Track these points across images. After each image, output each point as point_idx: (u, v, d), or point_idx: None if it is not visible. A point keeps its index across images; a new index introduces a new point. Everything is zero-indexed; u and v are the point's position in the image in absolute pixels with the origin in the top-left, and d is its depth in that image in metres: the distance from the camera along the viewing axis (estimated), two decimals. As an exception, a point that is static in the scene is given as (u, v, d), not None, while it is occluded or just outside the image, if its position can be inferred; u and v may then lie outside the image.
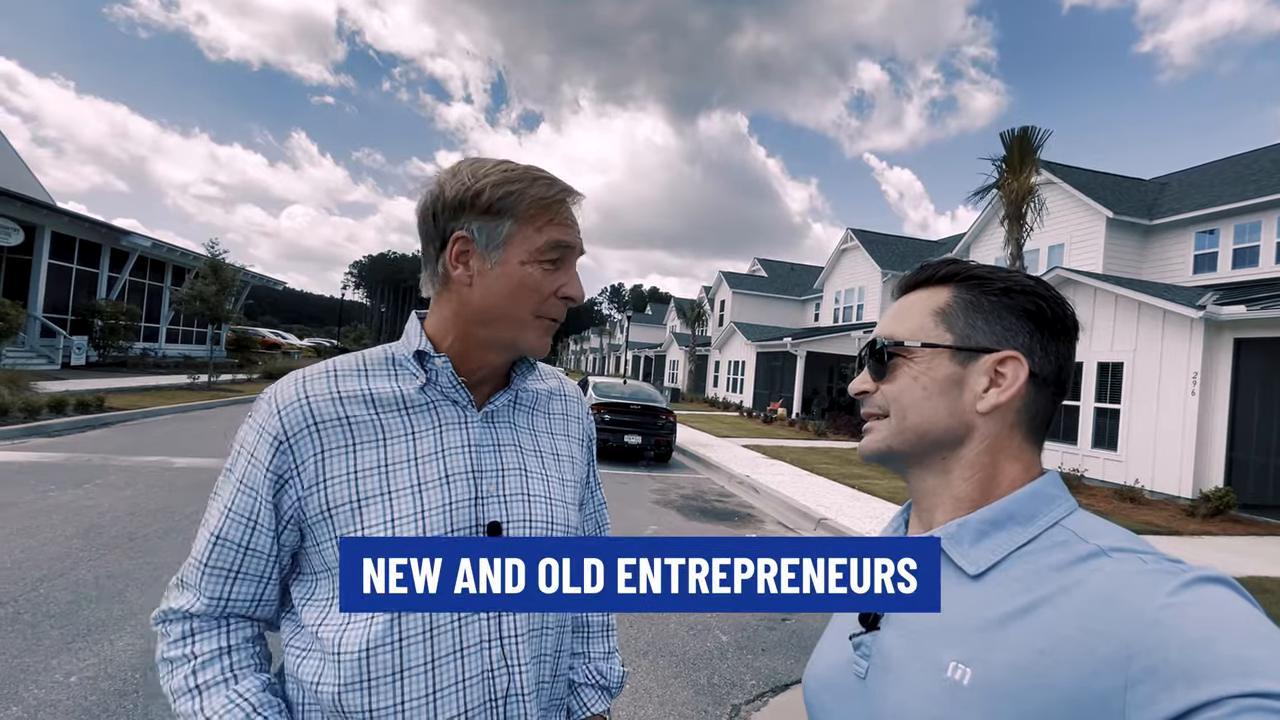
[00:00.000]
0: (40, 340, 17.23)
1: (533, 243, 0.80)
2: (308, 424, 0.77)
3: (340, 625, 0.75)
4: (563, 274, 0.83)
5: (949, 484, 0.62)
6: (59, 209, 18.58)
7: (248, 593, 0.80)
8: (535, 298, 0.81)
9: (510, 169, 0.82)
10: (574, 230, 0.84)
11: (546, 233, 0.81)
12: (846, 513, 7.32)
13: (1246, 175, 14.37)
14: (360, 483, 0.76)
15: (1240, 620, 0.45)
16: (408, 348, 0.84)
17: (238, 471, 0.79)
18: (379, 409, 0.80)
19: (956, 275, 0.64)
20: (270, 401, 0.79)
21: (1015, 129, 10.28)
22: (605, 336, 64.40)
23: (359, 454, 0.77)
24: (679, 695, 3.14)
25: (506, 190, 0.80)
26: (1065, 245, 15.47)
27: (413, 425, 0.81)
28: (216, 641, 0.79)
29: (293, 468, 0.76)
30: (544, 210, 0.81)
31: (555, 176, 0.84)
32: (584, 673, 1.01)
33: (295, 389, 0.79)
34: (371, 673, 0.73)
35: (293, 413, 0.77)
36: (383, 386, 0.82)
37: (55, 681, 2.76)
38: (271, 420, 0.77)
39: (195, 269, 20.67)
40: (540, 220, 0.81)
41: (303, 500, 0.76)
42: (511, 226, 0.80)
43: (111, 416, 10.14)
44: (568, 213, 0.84)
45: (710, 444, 13.27)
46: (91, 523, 4.94)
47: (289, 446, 0.76)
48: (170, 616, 0.80)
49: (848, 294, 25.58)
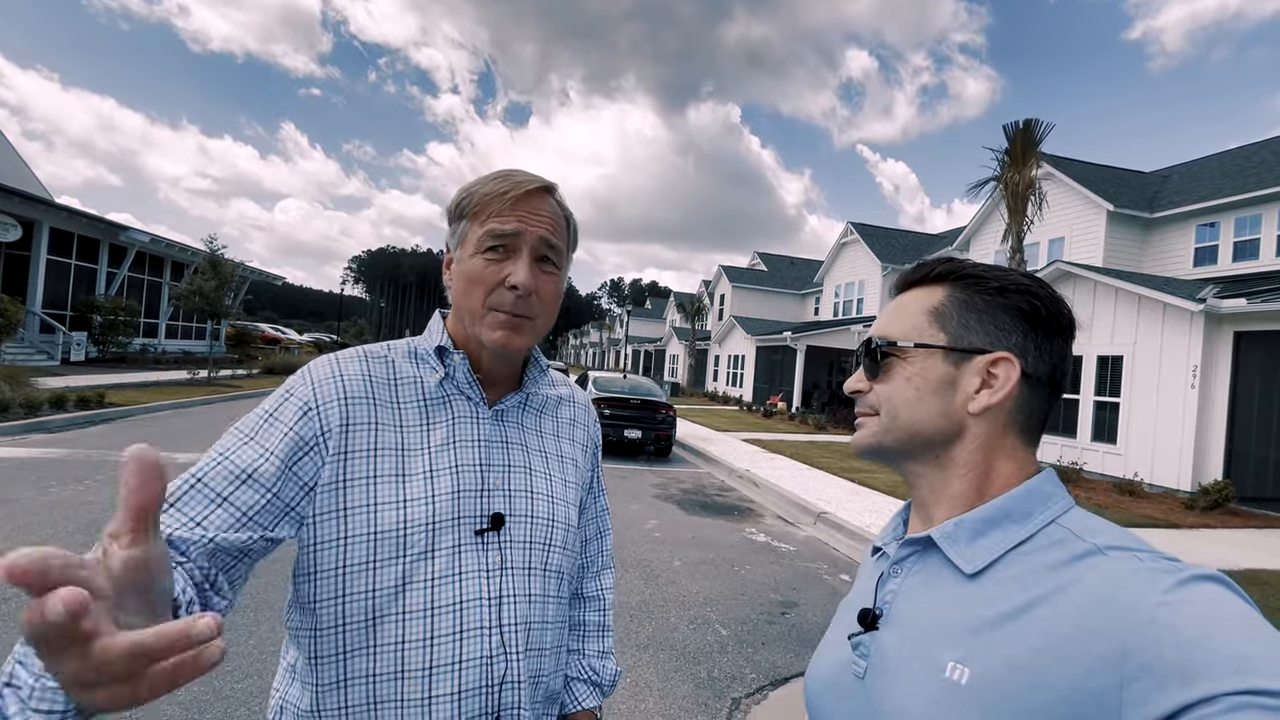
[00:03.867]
0: (40, 336, 17.21)
1: (475, 235, 0.84)
2: (339, 398, 0.80)
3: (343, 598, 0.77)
4: (509, 264, 0.83)
5: (945, 482, 0.62)
6: (57, 204, 18.52)
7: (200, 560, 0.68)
8: (481, 289, 0.83)
9: (486, 176, 0.86)
10: (519, 219, 0.83)
11: (488, 224, 0.83)
12: (846, 506, 7.34)
13: (1247, 168, 14.32)
14: (378, 461, 0.79)
15: (1235, 618, 0.45)
16: (430, 343, 0.89)
17: (250, 427, 0.76)
18: (400, 396, 0.84)
19: (952, 274, 0.64)
20: (305, 375, 0.82)
21: (1018, 122, 10.27)
22: (605, 331, 64.45)
23: (380, 434, 0.80)
24: (679, 689, 3.16)
25: (467, 193, 0.85)
26: (1066, 238, 15.44)
27: (428, 416, 0.84)
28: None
29: (319, 434, 0.77)
30: (488, 204, 0.83)
31: (523, 176, 0.85)
32: (578, 668, 1.03)
33: (331, 367, 0.83)
34: (376, 640, 0.76)
35: (326, 386, 0.80)
36: (406, 376, 0.86)
37: (58, 677, 2.78)
38: (304, 389, 0.80)
39: (194, 264, 20.64)
40: (484, 214, 0.83)
41: (321, 468, 0.77)
42: (465, 225, 0.85)
43: (112, 412, 10.15)
44: (514, 200, 0.83)
45: (710, 438, 13.29)
46: (93, 519, 4.95)
47: (318, 414, 0.78)
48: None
49: (848, 288, 25.55)
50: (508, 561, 0.84)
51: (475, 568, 0.81)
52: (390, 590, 0.76)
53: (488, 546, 0.83)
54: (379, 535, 0.77)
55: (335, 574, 0.77)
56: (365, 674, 0.76)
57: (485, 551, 0.82)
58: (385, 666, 0.76)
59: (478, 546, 0.82)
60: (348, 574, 0.77)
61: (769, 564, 5.38)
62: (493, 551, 0.83)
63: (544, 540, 0.88)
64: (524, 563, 0.85)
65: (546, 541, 0.88)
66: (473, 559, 0.81)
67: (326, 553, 0.77)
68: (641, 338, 49.38)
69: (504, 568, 0.83)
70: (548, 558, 0.88)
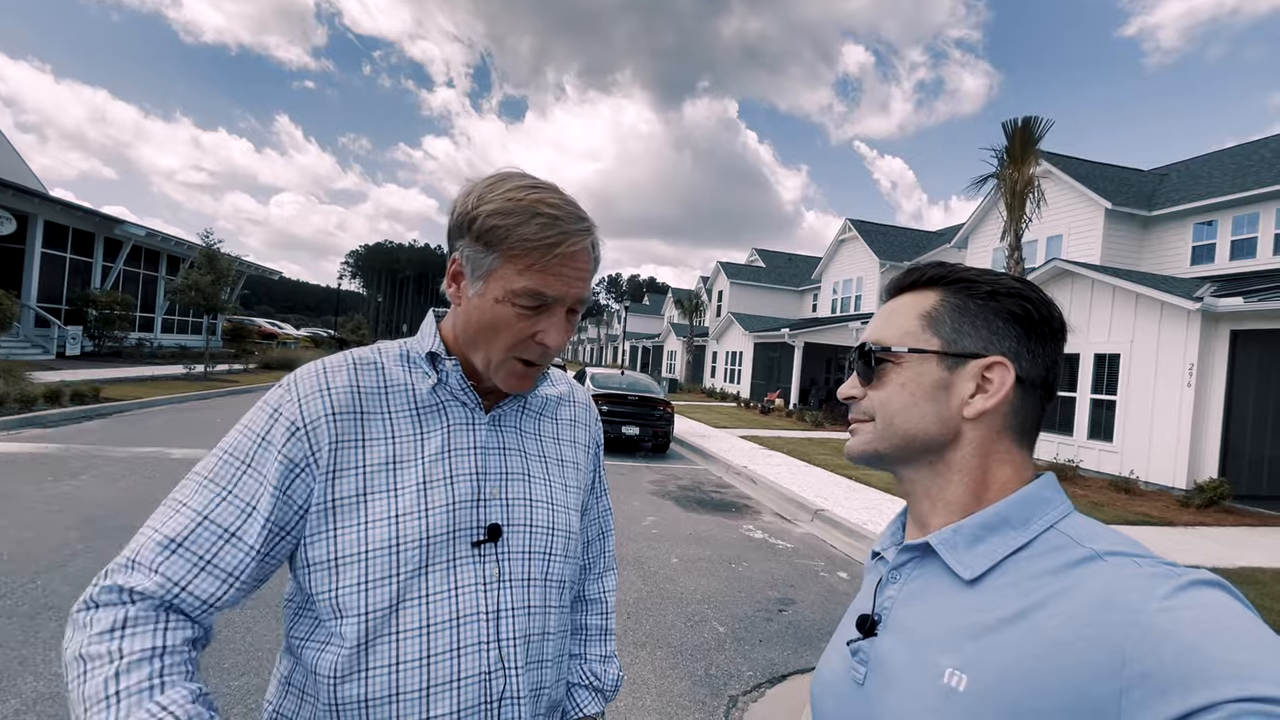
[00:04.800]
0: (34, 330, 17.15)
1: (511, 284, 0.76)
2: (326, 413, 0.77)
3: (338, 618, 0.76)
4: (543, 319, 0.78)
5: (941, 487, 0.62)
6: (52, 198, 18.41)
7: (208, 590, 0.71)
8: (506, 338, 0.78)
9: (514, 198, 0.76)
10: (565, 279, 0.77)
11: (526, 278, 0.76)
12: (843, 504, 7.35)
13: (1245, 166, 14.35)
14: (368, 477, 0.77)
15: (1235, 624, 0.45)
16: (421, 347, 0.85)
17: (243, 454, 0.75)
18: (392, 406, 0.81)
19: (944, 278, 0.64)
20: (290, 389, 0.78)
21: (1017, 119, 10.25)
22: (603, 327, 64.41)
23: (369, 449, 0.78)
24: (676, 686, 3.17)
25: (497, 223, 0.76)
26: (1064, 236, 15.45)
27: (422, 425, 0.81)
28: (150, 639, 0.67)
29: (309, 455, 0.75)
30: (530, 252, 0.75)
31: (563, 213, 0.77)
32: (579, 674, 1.02)
33: (316, 379, 0.79)
34: (369, 663, 0.74)
35: (312, 401, 0.77)
36: (398, 383, 0.83)
37: (54, 674, 2.77)
38: (290, 407, 0.77)
39: (190, 258, 20.55)
40: (523, 263, 0.75)
41: (312, 489, 0.75)
42: (495, 261, 0.76)
43: (107, 407, 10.12)
44: (564, 258, 0.76)
45: (708, 435, 13.30)
46: (88, 514, 4.93)
47: (306, 434, 0.75)
48: (101, 600, 0.68)
49: (846, 285, 25.55)
50: (505, 574, 0.82)
51: (472, 581, 0.79)
52: (384, 610, 0.75)
53: (485, 559, 0.80)
54: (371, 554, 0.75)
55: (329, 596, 0.76)
56: (358, 698, 0.75)
57: (482, 564, 0.80)
58: (380, 689, 0.74)
59: (474, 559, 0.80)
60: (341, 596, 0.75)
61: (766, 561, 5.39)
62: (490, 564, 0.81)
63: (544, 550, 0.86)
64: (523, 574, 0.83)
65: (546, 551, 0.86)
66: (469, 572, 0.79)
67: (319, 575, 0.76)
68: (639, 334, 49.37)
69: (501, 580, 0.81)
70: (548, 568, 0.86)
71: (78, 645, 0.66)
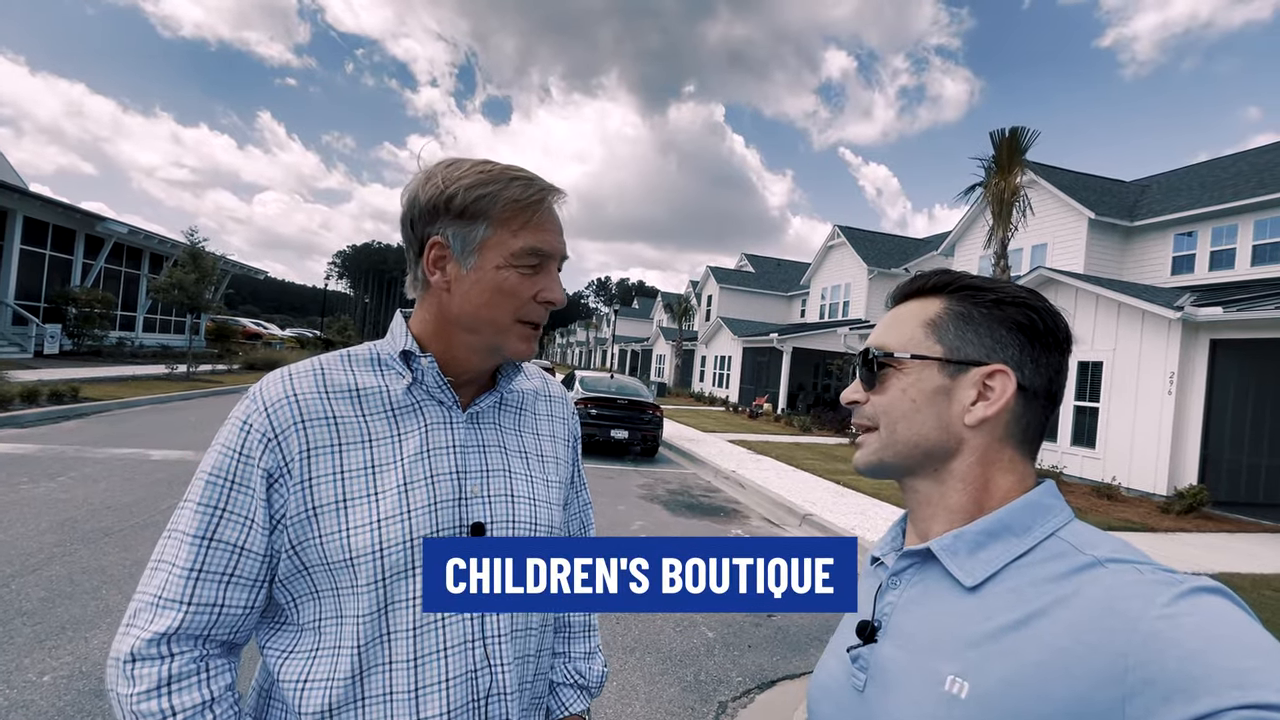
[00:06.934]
0: (12, 328, 16.81)
1: (509, 247, 0.79)
2: (295, 421, 0.75)
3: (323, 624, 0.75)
4: (542, 277, 0.81)
5: (943, 495, 0.62)
6: (31, 193, 18.08)
7: (242, 599, 0.75)
8: (514, 303, 0.80)
9: (486, 169, 0.80)
10: (553, 234, 0.82)
11: (522, 237, 0.79)
12: (831, 509, 7.38)
13: (1224, 179, 14.67)
14: (346, 483, 0.75)
15: (1236, 631, 0.45)
16: (393, 347, 0.84)
17: (225, 473, 0.75)
18: (365, 409, 0.79)
19: (949, 286, 0.64)
20: (256, 398, 0.77)
21: (1005, 129, 10.37)
22: (592, 330, 64.38)
23: (345, 454, 0.76)
24: (665, 692, 3.15)
25: (480, 193, 0.78)
26: (1048, 245, 15.68)
27: (398, 426, 0.80)
28: (199, 692, 0.72)
29: (282, 465, 0.74)
30: (520, 212, 0.79)
31: (534, 175, 0.82)
32: (563, 672, 1.01)
33: (282, 386, 0.78)
34: (362, 666, 0.74)
35: (280, 410, 0.76)
36: (369, 386, 0.81)
37: (28, 681, 2.70)
38: (258, 417, 0.76)
39: (174, 257, 20.26)
40: (516, 223, 0.79)
41: (287, 499, 0.74)
42: (486, 230, 0.79)
43: (86, 407, 9.94)
44: (547, 215, 0.81)
45: (696, 439, 13.31)
46: (65, 516, 4.83)
47: (277, 444, 0.74)
48: (143, 654, 0.70)
49: (834, 290, 25.75)
50: None
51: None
52: (371, 615, 0.74)
53: None
54: (356, 560, 0.74)
55: (311, 600, 0.75)
56: (351, 700, 0.74)
57: None
58: (373, 689, 0.74)
59: None
60: (322, 600, 0.75)
61: (754, 565, 5.39)
62: None
63: None
64: None
65: None
66: None
67: (300, 582, 0.75)
68: (628, 337, 49.36)
69: None
70: None
71: (129, 703, 0.70)
